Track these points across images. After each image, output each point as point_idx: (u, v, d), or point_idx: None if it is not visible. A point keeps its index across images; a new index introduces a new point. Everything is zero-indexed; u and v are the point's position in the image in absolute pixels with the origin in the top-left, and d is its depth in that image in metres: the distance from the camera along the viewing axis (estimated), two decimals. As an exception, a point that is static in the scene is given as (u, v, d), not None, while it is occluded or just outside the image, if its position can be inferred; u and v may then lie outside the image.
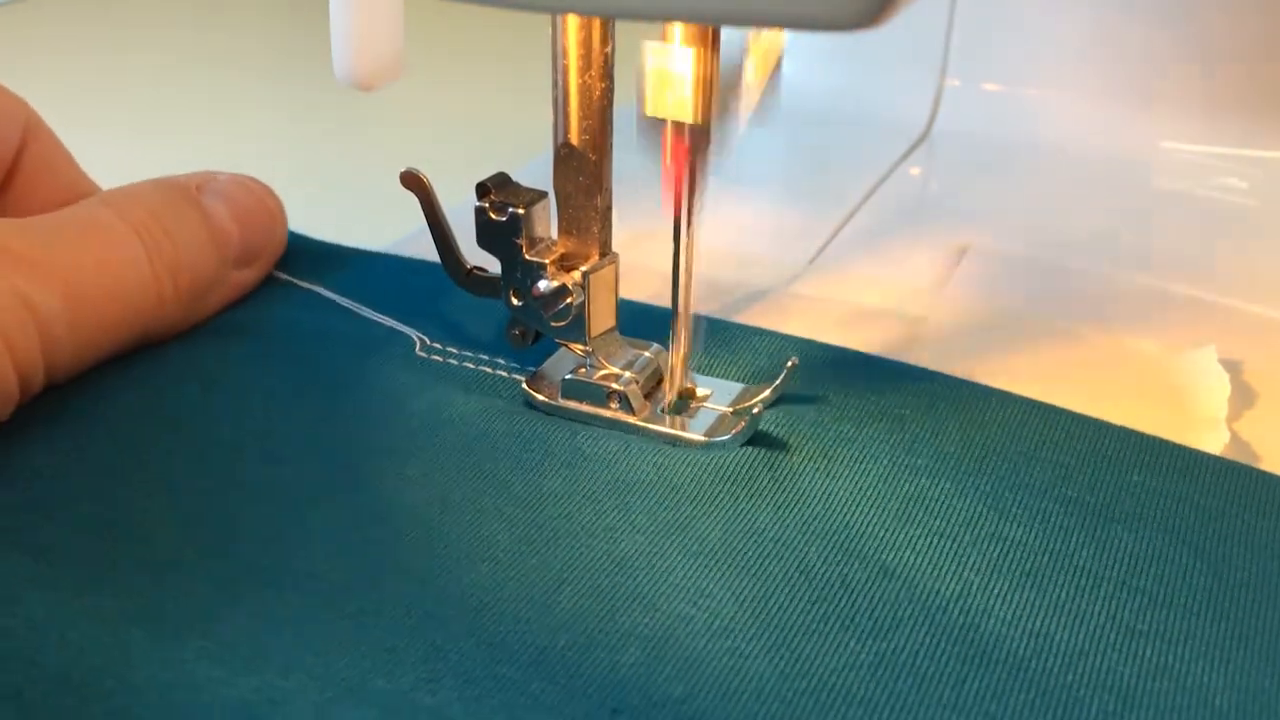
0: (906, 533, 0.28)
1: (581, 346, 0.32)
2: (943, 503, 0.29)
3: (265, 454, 0.30)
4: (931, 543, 0.28)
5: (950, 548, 0.28)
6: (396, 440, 0.31)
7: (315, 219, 0.66)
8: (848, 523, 0.28)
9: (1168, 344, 0.37)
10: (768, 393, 0.31)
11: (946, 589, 0.26)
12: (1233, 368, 0.36)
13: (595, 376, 0.32)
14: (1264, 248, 0.46)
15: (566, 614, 0.25)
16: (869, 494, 0.29)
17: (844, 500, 0.29)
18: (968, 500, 0.29)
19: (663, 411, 0.32)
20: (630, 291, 0.35)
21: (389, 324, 0.36)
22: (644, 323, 0.34)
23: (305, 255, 0.39)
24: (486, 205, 0.31)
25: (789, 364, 0.31)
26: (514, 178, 0.32)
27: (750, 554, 0.27)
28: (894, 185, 0.51)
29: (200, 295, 0.34)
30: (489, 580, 0.26)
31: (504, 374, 0.34)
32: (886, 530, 0.28)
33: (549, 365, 0.34)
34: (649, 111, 0.28)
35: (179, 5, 1.11)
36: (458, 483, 0.29)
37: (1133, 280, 0.43)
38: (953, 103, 0.55)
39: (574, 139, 0.30)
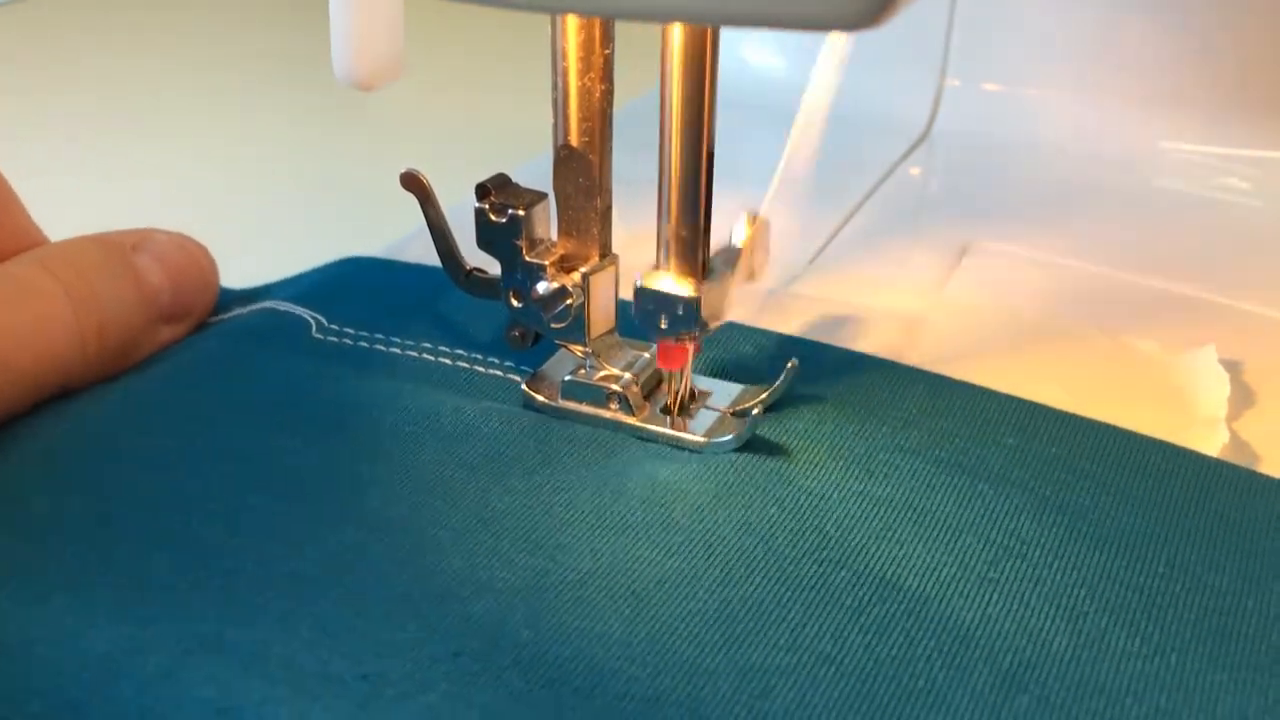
0: (775, 492, 0.29)
1: (581, 348, 0.32)
2: (815, 464, 0.30)
3: (145, 426, 0.31)
4: (799, 500, 0.29)
5: (814, 504, 0.29)
6: (280, 414, 0.32)
7: (314, 219, 0.66)
8: (719, 484, 0.29)
9: (1168, 344, 0.37)
10: (768, 394, 0.31)
11: (804, 542, 0.27)
12: (1233, 368, 0.36)
13: (595, 378, 0.32)
14: (1264, 248, 0.46)
15: (426, 569, 0.26)
16: (744, 458, 0.30)
17: (719, 463, 0.30)
18: (840, 462, 0.30)
19: (662, 412, 0.32)
20: (630, 292, 0.35)
21: (285, 309, 0.37)
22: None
23: (236, 304, 0.40)
24: (486, 206, 0.31)
25: (789, 365, 0.31)
26: (513, 179, 0.32)
27: (617, 513, 0.28)
28: (894, 185, 0.51)
29: (125, 352, 0.34)
30: (356, 541, 0.27)
31: (397, 350, 0.35)
32: (756, 489, 0.29)
33: (549, 366, 0.34)
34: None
35: (178, 5, 1.11)
36: (337, 452, 0.30)
37: (1133, 280, 0.43)
38: (953, 103, 0.55)
39: (574, 140, 0.30)
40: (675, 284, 0.30)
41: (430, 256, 0.34)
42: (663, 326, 0.30)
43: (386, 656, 0.24)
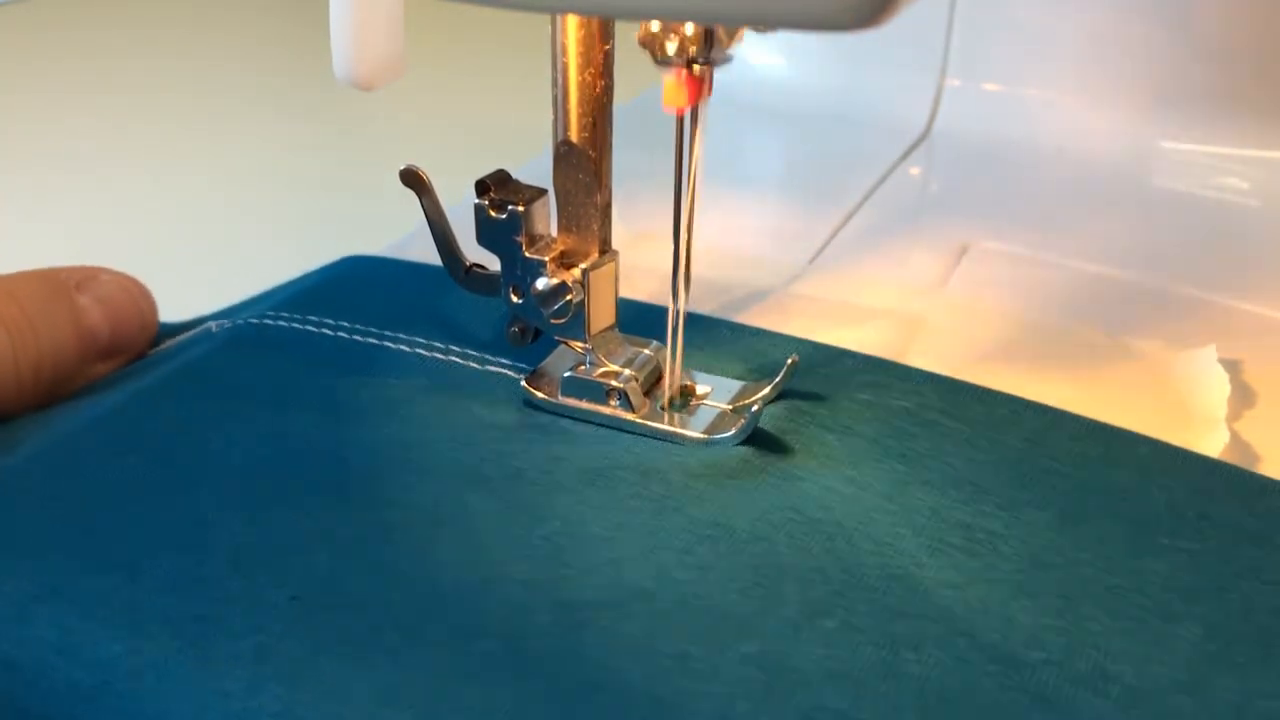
0: (624, 444, 0.31)
1: (581, 344, 0.32)
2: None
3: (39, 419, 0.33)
4: (649, 452, 0.31)
5: (662, 455, 0.30)
6: (156, 389, 0.34)
7: (314, 220, 0.66)
8: (570, 436, 0.31)
9: (1168, 344, 0.37)
10: (768, 390, 0.31)
11: (647, 492, 0.29)
12: (1233, 368, 0.36)
13: (595, 374, 0.32)
14: (1264, 248, 0.46)
15: (275, 525, 0.28)
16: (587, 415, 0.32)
17: (561, 420, 0.32)
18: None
19: (662, 409, 0.32)
20: (630, 291, 0.35)
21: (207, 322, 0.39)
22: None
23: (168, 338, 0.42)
24: (486, 203, 0.31)
25: (789, 361, 0.31)
26: (513, 175, 0.32)
27: (468, 463, 0.30)
28: (894, 185, 0.51)
29: (60, 386, 0.35)
30: (211, 500, 0.29)
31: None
32: (604, 441, 0.31)
33: (549, 363, 0.34)
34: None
35: (178, 4, 1.12)
36: (209, 421, 0.32)
37: (1133, 280, 0.43)
38: (953, 103, 0.55)
39: (574, 136, 0.30)
40: None
41: (431, 255, 0.34)
42: (669, 48, 0.28)
43: (225, 602, 0.25)
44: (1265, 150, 0.50)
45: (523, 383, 0.33)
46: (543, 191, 0.32)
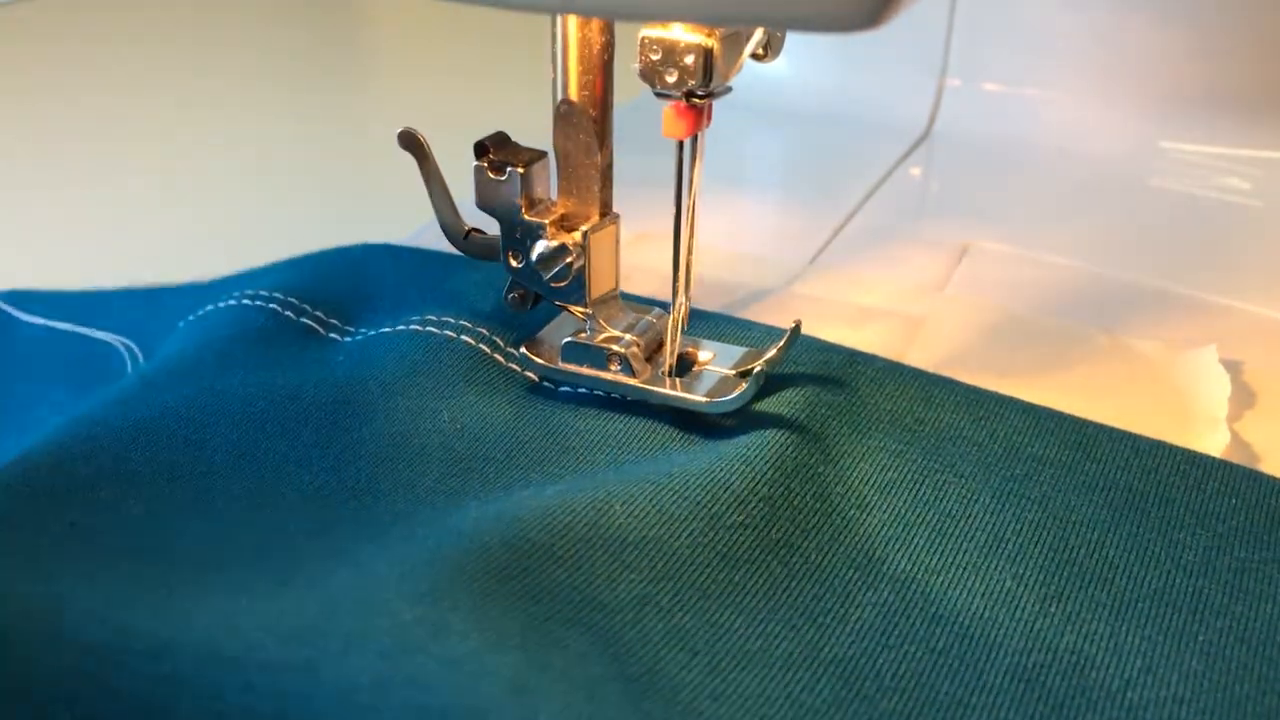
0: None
1: (581, 309, 0.31)
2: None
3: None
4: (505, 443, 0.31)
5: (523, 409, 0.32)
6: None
7: (315, 218, 0.65)
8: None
9: (1168, 344, 0.37)
10: (772, 353, 0.31)
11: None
12: (1233, 368, 0.35)
13: (596, 339, 0.31)
14: (1264, 248, 0.46)
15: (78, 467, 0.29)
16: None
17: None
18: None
19: (663, 374, 0.31)
20: (630, 291, 0.35)
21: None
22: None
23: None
24: (485, 164, 0.31)
25: (793, 324, 0.31)
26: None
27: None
28: (894, 185, 0.51)
29: None
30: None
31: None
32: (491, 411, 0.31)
33: (549, 329, 0.33)
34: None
35: (177, 4, 1.12)
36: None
37: (1133, 280, 0.42)
38: (953, 103, 0.56)
39: (573, 95, 0.30)
40: (686, 32, 0.26)
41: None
42: (669, 80, 0.27)
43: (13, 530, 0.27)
44: (1265, 150, 0.50)
45: (521, 349, 0.32)
46: (542, 154, 0.31)
